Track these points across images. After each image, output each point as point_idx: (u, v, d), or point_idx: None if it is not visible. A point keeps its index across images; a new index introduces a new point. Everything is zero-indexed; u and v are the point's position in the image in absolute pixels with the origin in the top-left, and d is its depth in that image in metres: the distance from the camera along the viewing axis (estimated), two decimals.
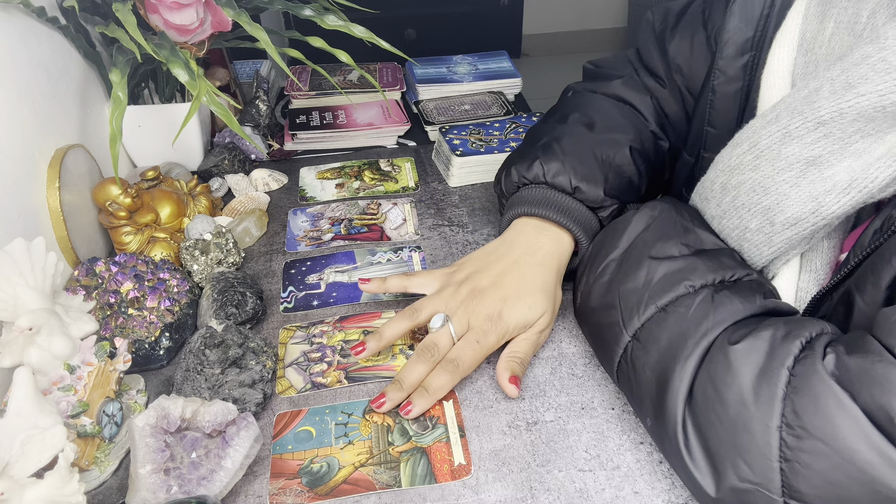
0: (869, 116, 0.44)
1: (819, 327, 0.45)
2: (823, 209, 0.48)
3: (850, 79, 0.44)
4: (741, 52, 0.60)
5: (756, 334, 0.45)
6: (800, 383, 0.41)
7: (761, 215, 0.52)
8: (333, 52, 0.84)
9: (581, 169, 0.65)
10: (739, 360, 0.44)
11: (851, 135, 0.45)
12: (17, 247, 0.57)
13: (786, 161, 0.49)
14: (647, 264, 0.54)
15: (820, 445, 0.39)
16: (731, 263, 0.53)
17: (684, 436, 0.46)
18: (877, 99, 0.43)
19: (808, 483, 0.40)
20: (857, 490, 0.38)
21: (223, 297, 0.66)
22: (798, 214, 0.49)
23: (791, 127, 0.48)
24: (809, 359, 0.42)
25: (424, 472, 0.54)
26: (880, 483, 0.37)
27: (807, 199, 0.48)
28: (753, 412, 0.42)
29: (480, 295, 0.61)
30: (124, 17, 0.67)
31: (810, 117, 0.47)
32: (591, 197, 0.65)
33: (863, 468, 0.38)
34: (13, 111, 0.67)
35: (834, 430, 0.39)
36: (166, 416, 0.52)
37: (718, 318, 0.48)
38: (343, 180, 0.92)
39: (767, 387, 0.42)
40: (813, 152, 0.47)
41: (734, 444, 0.43)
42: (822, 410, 0.39)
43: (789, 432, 0.41)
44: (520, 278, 0.62)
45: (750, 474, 0.42)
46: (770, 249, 0.53)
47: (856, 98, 0.44)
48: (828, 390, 0.40)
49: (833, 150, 0.46)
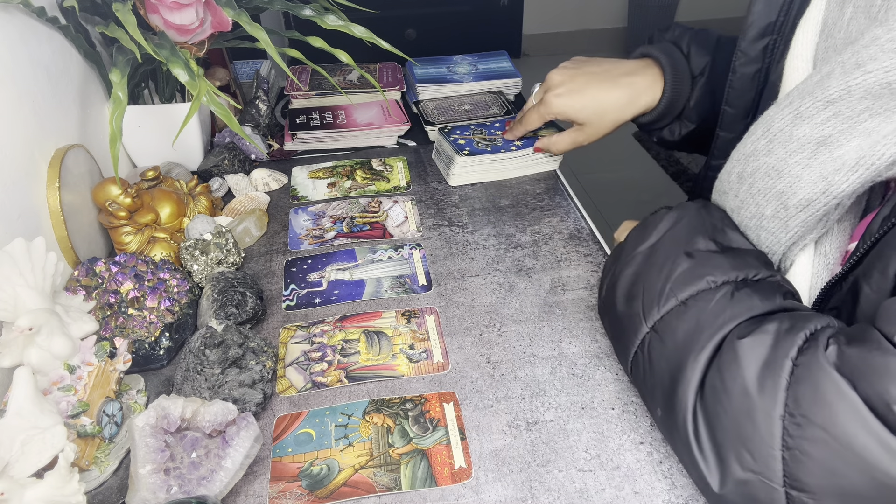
0: (876, 93, 0.44)
1: (824, 321, 0.45)
2: (833, 188, 0.48)
3: (859, 59, 0.45)
4: (762, 34, 0.62)
5: (762, 328, 0.46)
6: (801, 373, 0.42)
7: (776, 200, 0.52)
8: (333, 52, 0.84)
9: (698, 37, 0.76)
10: (745, 352, 0.45)
11: (860, 113, 0.46)
12: (18, 247, 0.57)
13: (797, 142, 0.50)
14: (673, 258, 0.55)
15: (820, 433, 0.40)
16: (755, 263, 0.53)
17: (694, 427, 0.47)
18: (883, 75, 0.44)
19: (808, 472, 0.40)
20: (857, 477, 0.39)
21: (223, 297, 0.66)
22: (810, 195, 0.49)
23: (802, 108, 0.49)
24: (812, 349, 0.43)
25: (425, 474, 0.54)
26: (879, 470, 0.38)
27: (817, 179, 0.49)
28: (757, 402, 0.43)
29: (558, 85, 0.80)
30: (124, 17, 0.67)
31: (820, 97, 0.48)
32: (695, 61, 0.76)
33: (861, 455, 0.38)
34: (13, 111, 0.67)
35: (833, 418, 0.39)
36: (166, 416, 0.52)
37: (735, 312, 0.49)
38: (335, 179, 0.93)
39: (771, 377, 0.43)
40: (823, 132, 0.48)
41: (738, 433, 0.44)
42: (822, 398, 0.40)
43: (791, 421, 0.41)
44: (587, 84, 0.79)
45: (752, 463, 0.43)
46: (787, 235, 0.53)
47: (863, 76, 0.45)
48: (828, 379, 0.40)
49: (843, 130, 0.47)
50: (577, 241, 0.80)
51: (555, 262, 0.76)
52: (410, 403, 0.60)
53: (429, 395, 0.60)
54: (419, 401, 0.60)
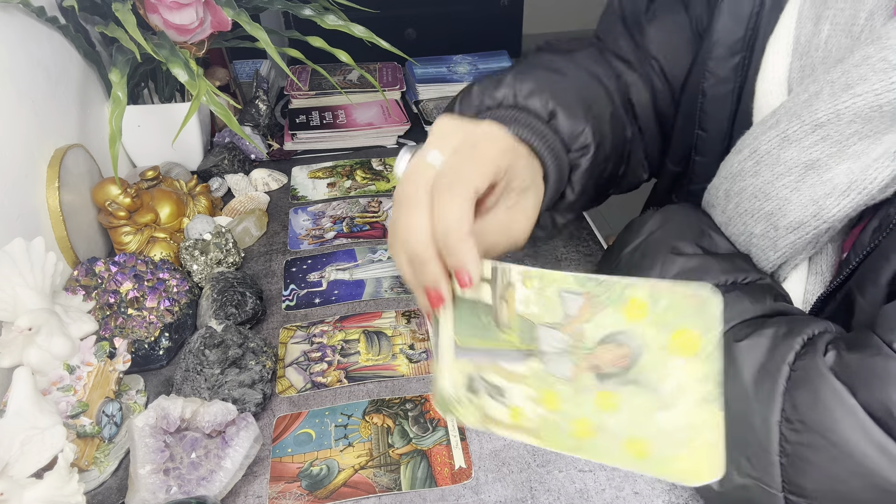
0: (866, 117, 0.43)
1: (822, 326, 0.45)
2: (824, 212, 0.47)
3: (849, 80, 0.44)
4: (732, 52, 0.57)
5: (759, 332, 0.45)
6: (799, 378, 0.42)
7: (765, 221, 0.52)
8: (333, 52, 0.84)
9: (561, 95, 0.52)
10: (742, 356, 0.44)
11: (849, 137, 0.45)
12: (17, 247, 0.57)
13: (785, 166, 0.49)
14: (661, 260, 0.54)
15: (818, 439, 0.39)
16: (744, 266, 0.52)
17: None
18: (873, 98, 0.42)
19: (807, 477, 0.40)
20: (856, 483, 0.38)
21: (223, 297, 0.66)
22: (800, 218, 0.49)
23: (790, 131, 0.48)
24: (810, 355, 0.42)
25: (424, 475, 0.54)
26: (879, 476, 0.37)
27: (808, 202, 0.48)
28: (754, 407, 0.42)
29: None
30: (124, 16, 0.67)
31: (808, 120, 0.47)
32: (568, 129, 0.51)
33: (861, 462, 0.38)
34: (13, 111, 0.67)
35: (832, 424, 0.39)
36: (166, 417, 0.52)
37: (727, 316, 0.48)
38: (335, 179, 0.93)
39: (768, 382, 0.42)
40: (811, 156, 0.47)
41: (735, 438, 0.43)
42: (821, 404, 0.40)
43: (788, 427, 0.41)
44: None
45: (750, 469, 0.42)
46: (776, 254, 0.53)
47: (852, 98, 0.43)
48: (826, 385, 0.40)
49: (831, 154, 0.46)
50: (577, 240, 0.79)
51: (555, 262, 0.76)
52: (410, 404, 0.60)
53: (429, 396, 0.60)
54: (419, 401, 0.60)
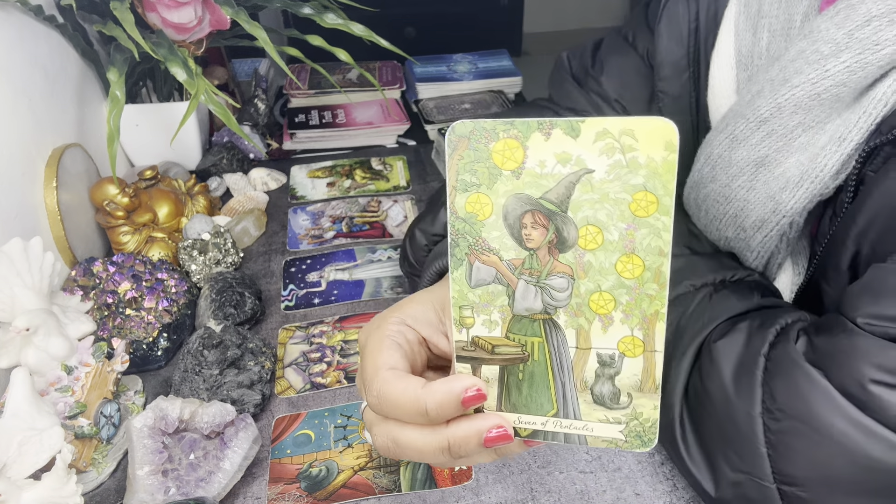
0: (806, 106, 0.44)
1: (795, 315, 0.45)
2: (782, 207, 0.48)
3: (786, 75, 0.45)
4: (678, 70, 0.60)
5: (735, 328, 0.46)
6: (774, 367, 0.42)
7: (732, 224, 0.52)
8: (333, 51, 0.84)
9: None
10: (720, 354, 0.45)
11: (793, 129, 0.46)
12: (15, 246, 0.57)
13: (737, 167, 0.50)
14: None
15: (799, 425, 0.40)
16: (732, 264, 0.53)
17: (682, 434, 0.47)
18: (810, 87, 0.43)
19: (794, 465, 0.40)
20: (841, 464, 0.38)
21: (221, 297, 0.66)
22: (761, 216, 0.50)
23: (737, 131, 0.49)
24: (782, 343, 0.43)
25: (424, 476, 0.53)
26: (860, 454, 0.37)
27: (765, 199, 0.49)
28: (735, 402, 0.43)
29: None
30: (122, 15, 0.66)
31: (752, 118, 0.48)
32: None
33: (841, 442, 0.38)
34: (10, 110, 0.66)
35: (810, 409, 0.39)
36: (164, 418, 0.52)
37: (713, 315, 0.48)
38: (334, 179, 0.92)
39: (746, 376, 0.43)
40: (760, 153, 0.48)
41: (723, 436, 0.44)
42: (796, 390, 0.40)
43: (770, 417, 0.41)
44: None
45: (741, 464, 0.42)
46: (752, 255, 0.53)
47: (791, 90, 0.45)
48: (799, 370, 0.40)
49: (779, 148, 0.47)
50: None
51: None
52: None
53: None
54: None
